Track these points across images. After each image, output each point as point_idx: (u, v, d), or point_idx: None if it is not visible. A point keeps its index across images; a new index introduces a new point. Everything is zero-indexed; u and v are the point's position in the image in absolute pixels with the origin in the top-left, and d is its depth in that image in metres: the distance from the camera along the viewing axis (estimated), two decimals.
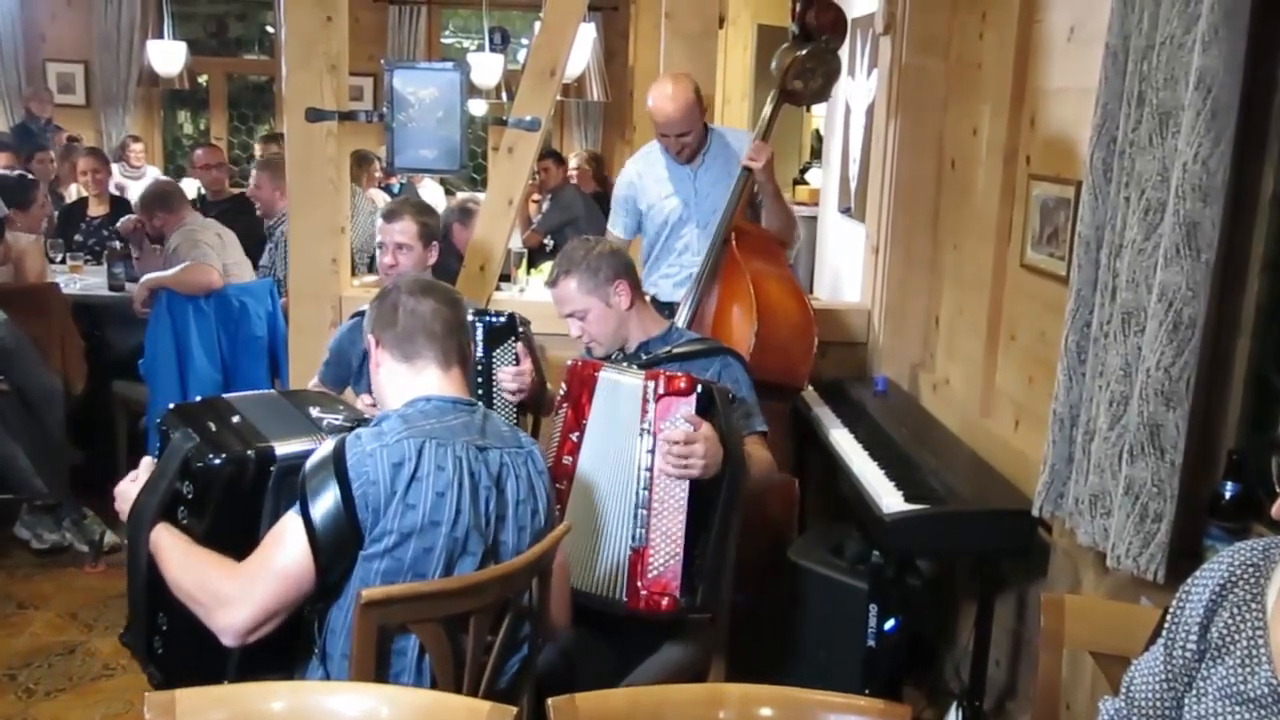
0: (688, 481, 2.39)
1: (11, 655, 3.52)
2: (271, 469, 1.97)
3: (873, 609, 2.88)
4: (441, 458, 1.91)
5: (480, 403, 2.10)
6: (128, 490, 2.06)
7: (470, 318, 3.06)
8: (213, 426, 2.04)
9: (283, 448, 2.00)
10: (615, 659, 2.47)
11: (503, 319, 3.09)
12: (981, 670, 2.92)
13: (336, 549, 1.85)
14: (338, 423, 2.10)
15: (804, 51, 3.59)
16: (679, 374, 2.46)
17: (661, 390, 2.43)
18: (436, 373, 2.04)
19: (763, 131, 3.57)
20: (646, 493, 2.42)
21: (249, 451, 1.98)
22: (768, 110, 3.63)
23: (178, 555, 1.93)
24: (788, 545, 3.23)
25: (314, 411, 2.17)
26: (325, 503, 1.84)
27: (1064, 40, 2.91)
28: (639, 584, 2.41)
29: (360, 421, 2.07)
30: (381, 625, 1.84)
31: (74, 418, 4.52)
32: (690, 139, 3.58)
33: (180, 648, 2.02)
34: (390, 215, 3.30)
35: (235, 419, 2.08)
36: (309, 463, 1.89)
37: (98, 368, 4.77)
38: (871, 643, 2.89)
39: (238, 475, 1.96)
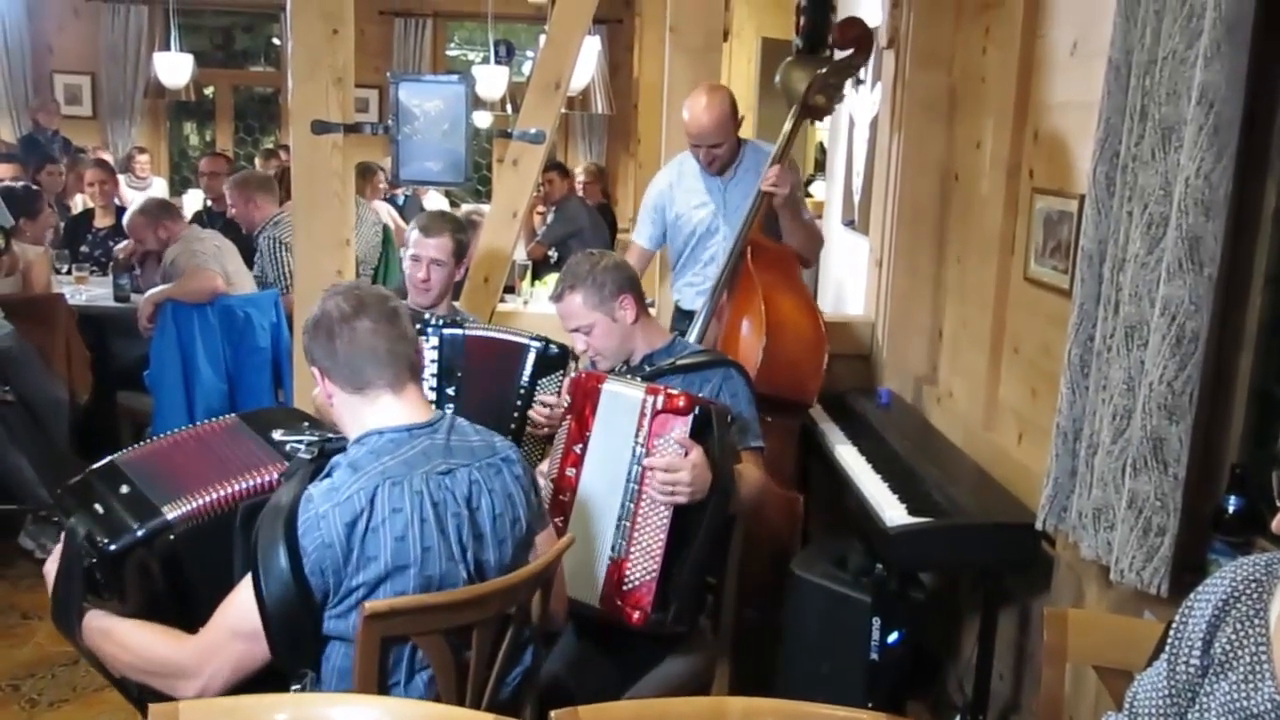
0: None
1: (15, 666, 3.52)
2: (172, 536, 1.90)
3: (876, 622, 2.87)
4: (397, 499, 1.84)
5: (445, 412, 2.03)
6: (50, 575, 1.99)
7: (527, 340, 3.07)
8: (99, 509, 1.94)
9: (177, 510, 1.92)
10: (618, 672, 2.47)
11: (557, 350, 3.06)
12: (985, 684, 2.91)
13: (288, 626, 1.80)
14: (301, 447, 2.00)
15: (825, 69, 3.60)
16: (681, 392, 2.45)
17: (660, 406, 2.43)
18: (390, 398, 1.94)
19: (780, 153, 3.54)
20: (632, 506, 2.43)
21: (139, 532, 1.89)
22: (788, 126, 3.63)
23: (116, 638, 1.89)
24: (791, 558, 3.23)
25: (277, 434, 2.10)
26: (277, 573, 1.79)
27: (1067, 55, 2.92)
28: (613, 593, 2.43)
29: (325, 442, 1.99)
30: (385, 637, 1.83)
31: (79, 428, 4.53)
32: (722, 151, 3.58)
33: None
34: (428, 230, 3.26)
35: (125, 489, 1.98)
36: (261, 517, 1.83)
37: (103, 378, 4.79)
38: (874, 656, 2.88)
39: (143, 554, 1.89)
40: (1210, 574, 1.47)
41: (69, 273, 5.56)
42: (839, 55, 3.75)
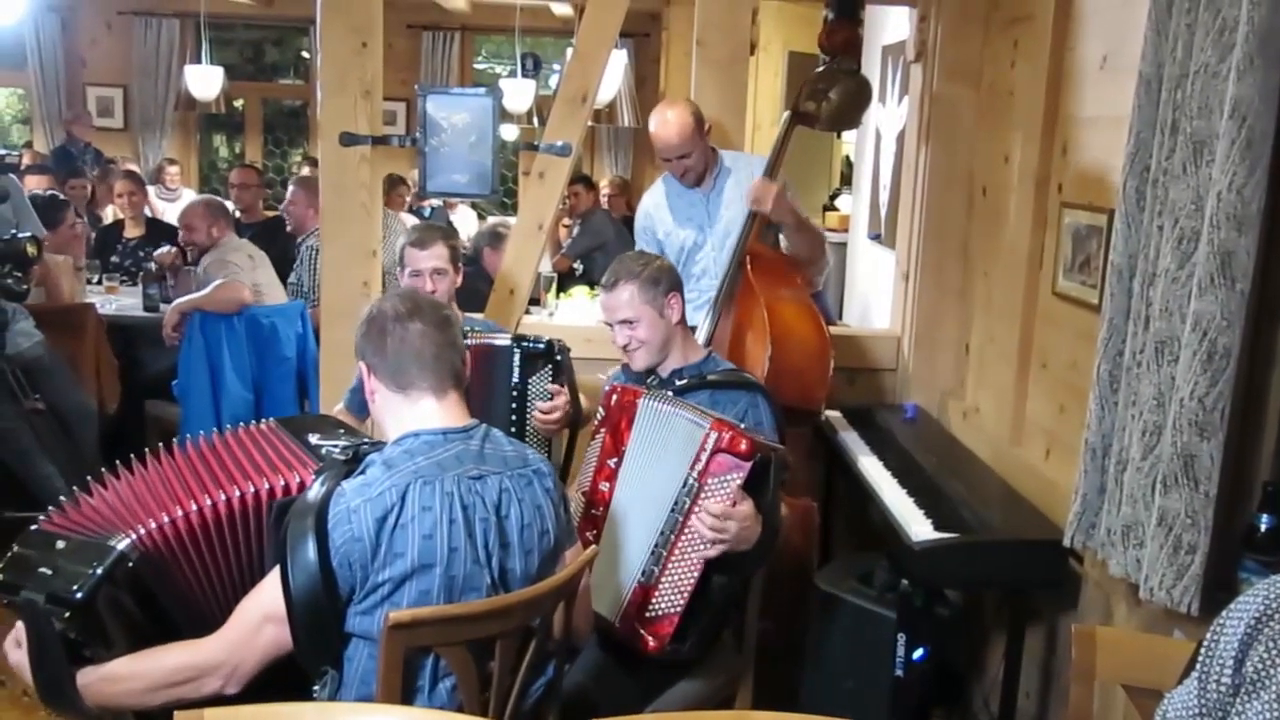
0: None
1: None
2: (130, 564, 1.89)
3: (901, 638, 2.86)
4: (428, 497, 1.86)
5: (482, 423, 2.04)
6: (20, 663, 1.92)
7: (507, 343, 3.07)
8: (46, 571, 1.90)
9: (123, 540, 1.90)
10: (640, 685, 2.46)
11: (540, 345, 3.07)
12: (1011, 702, 2.89)
13: (311, 618, 1.82)
14: (336, 450, 2.03)
15: (816, 72, 3.59)
16: (746, 434, 2.39)
17: (723, 445, 2.37)
18: (431, 401, 1.98)
19: (771, 165, 3.53)
20: (672, 536, 2.40)
21: (98, 570, 1.86)
22: (780, 132, 3.63)
23: (124, 674, 1.86)
24: (809, 571, 3.22)
25: (313, 438, 2.12)
26: (304, 563, 1.81)
27: (1096, 69, 2.91)
28: (634, 616, 2.41)
29: (359, 447, 2.02)
30: (408, 647, 1.84)
31: (107, 437, 4.56)
32: (691, 161, 3.57)
33: None
34: (421, 243, 3.26)
35: (60, 544, 1.94)
36: (292, 512, 1.85)
37: (131, 387, 4.83)
38: (899, 672, 2.86)
39: (109, 592, 1.87)
40: (1241, 593, 1.45)
41: (99, 283, 5.61)
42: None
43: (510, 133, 8.99)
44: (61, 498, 2.09)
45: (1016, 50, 3.51)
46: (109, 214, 6.98)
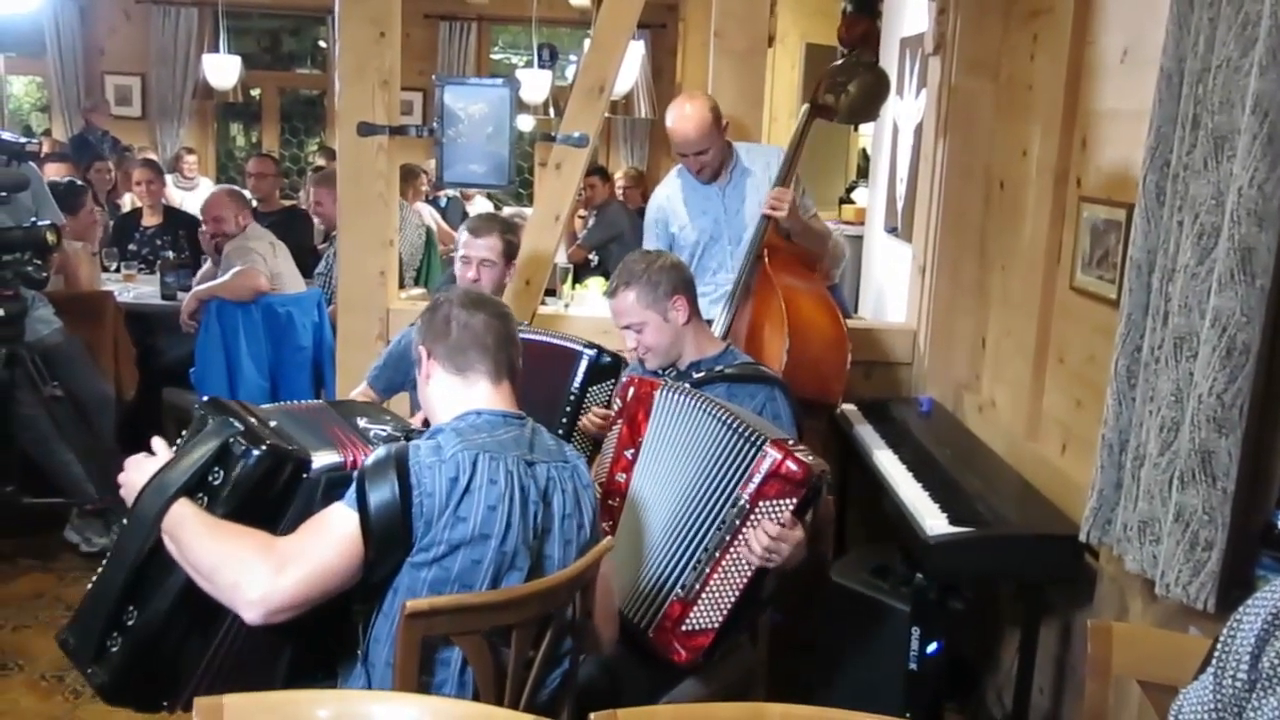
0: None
1: (60, 657, 3.53)
2: (305, 475, 1.95)
3: (915, 631, 2.85)
4: (494, 471, 1.91)
5: (529, 417, 2.10)
6: (144, 463, 2.00)
7: (580, 347, 3.10)
8: (254, 421, 2.01)
9: (319, 458, 1.98)
10: (653, 678, 2.46)
11: (609, 359, 3.09)
12: (1025, 697, 2.89)
13: (387, 541, 1.85)
14: (384, 434, 2.09)
15: (835, 65, 3.58)
16: (801, 457, 2.32)
17: (784, 472, 2.30)
18: (487, 385, 2.05)
19: (787, 164, 3.53)
20: (717, 554, 2.35)
21: (291, 450, 1.95)
22: (798, 124, 3.62)
23: (206, 524, 1.87)
24: (824, 563, 3.22)
25: (361, 422, 2.16)
26: (383, 496, 1.83)
27: (1117, 62, 2.89)
28: (670, 629, 2.39)
29: (408, 433, 2.07)
30: (425, 636, 1.84)
31: (124, 424, 4.59)
32: (708, 157, 3.56)
33: (139, 649, 1.95)
34: (477, 231, 3.29)
35: (272, 423, 2.05)
36: (368, 461, 1.89)
37: (148, 375, 4.85)
38: (913, 665, 2.86)
39: (272, 472, 1.93)
40: (1258, 589, 1.45)
41: (117, 270, 5.64)
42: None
43: (525, 123, 8.99)
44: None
45: (1036, 43, 3.50)
46: (127, 202, 7.01)
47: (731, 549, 2.35)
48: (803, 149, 3.57)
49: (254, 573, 1.79)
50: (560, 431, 3.03)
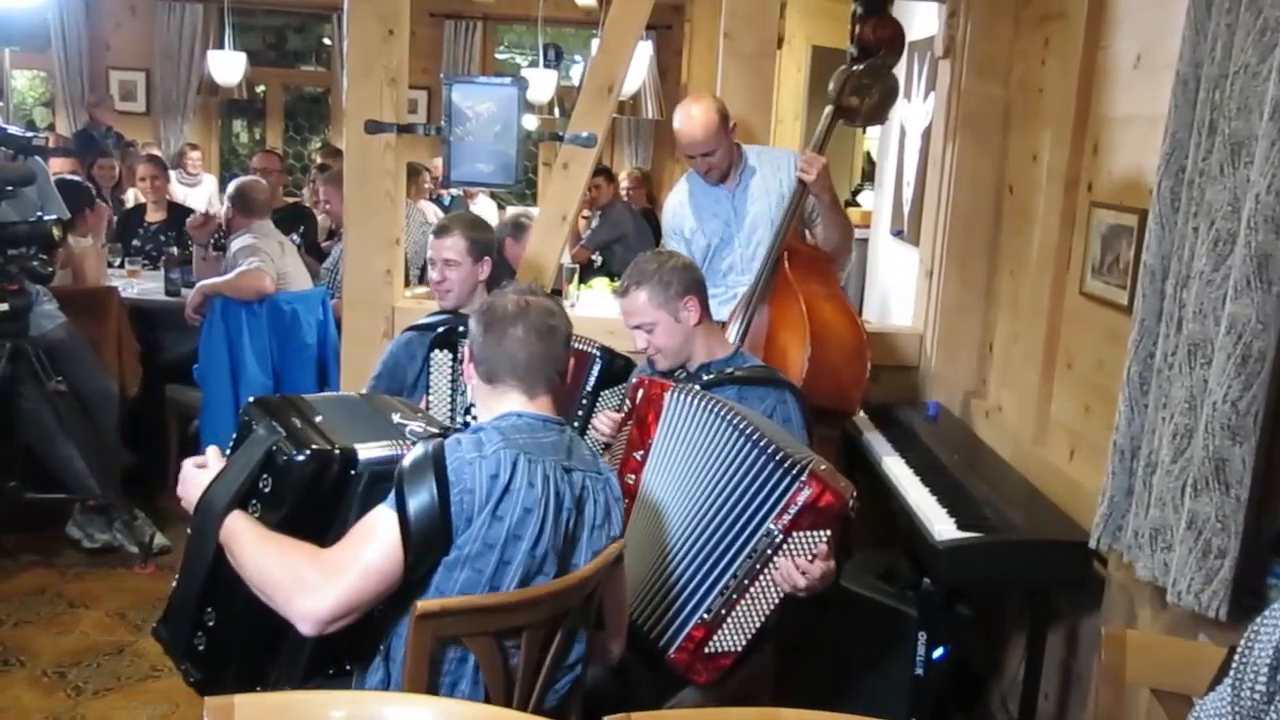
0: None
1: (61, 654, 3.56)
2: (353, 471, 1.95)
3: (921, 636, 2.85)
4: (533, 474, 1.91)
5: (567, 425, 2.08)
6: (197, 476, 2.01)
7: (595, 351, 3.12)
8: (297, 422, 2.01)
9: (366, 451, 1.97)
10: (659, 681, 2.45)
11: (622, 363, 3.11)
12: (1031, 703, 2.87)
13: (426, 545, 1.84)
14: (420, 431, 2.07)
15: (860, 67, 3.57)
16: (839, 492, 2.27)
17: (821, 505, 2.25)
18: (519, 398, 2.03)
19: (817, 145, 3.53)
20: (746, 581, 2.32)
21: (335, 450, 1.94)
22: (822, 126, 3.61)
23: (258, 539, 1.88)
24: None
25: (396, 418, 2.15)
26: (422, 499, 1.83)
27: (1130, 68, 2.88)
28: (693, 651, 2.36)
29: (443, 431, 2.05)
30: (437, 636, 1.83)
31: (127, 420, 4.58)
32: (716, 159, 3.54)
33: (222, 646, 2.01)
34: (440, 232, 3.28)
35: (318, 418, 2.04)
36: (406, 462, 1.87)
37: (151, 371, 4.84)
38: (919, 670, 2.85)
39: (320, 474, 1.93)
40: (1271, 599, 1.44)
41: (121, 266, 5.63)
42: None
43: (530, 123, 8.99)
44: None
45: (1047, 48, 3.49)
46: (130, 198, 7.00)
47: (761, 576, 2.31)
48: (825, 152, 3.56)
49: (303, 588, 1.82)
50: None
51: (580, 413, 3.06)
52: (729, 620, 2.34)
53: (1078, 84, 3.10)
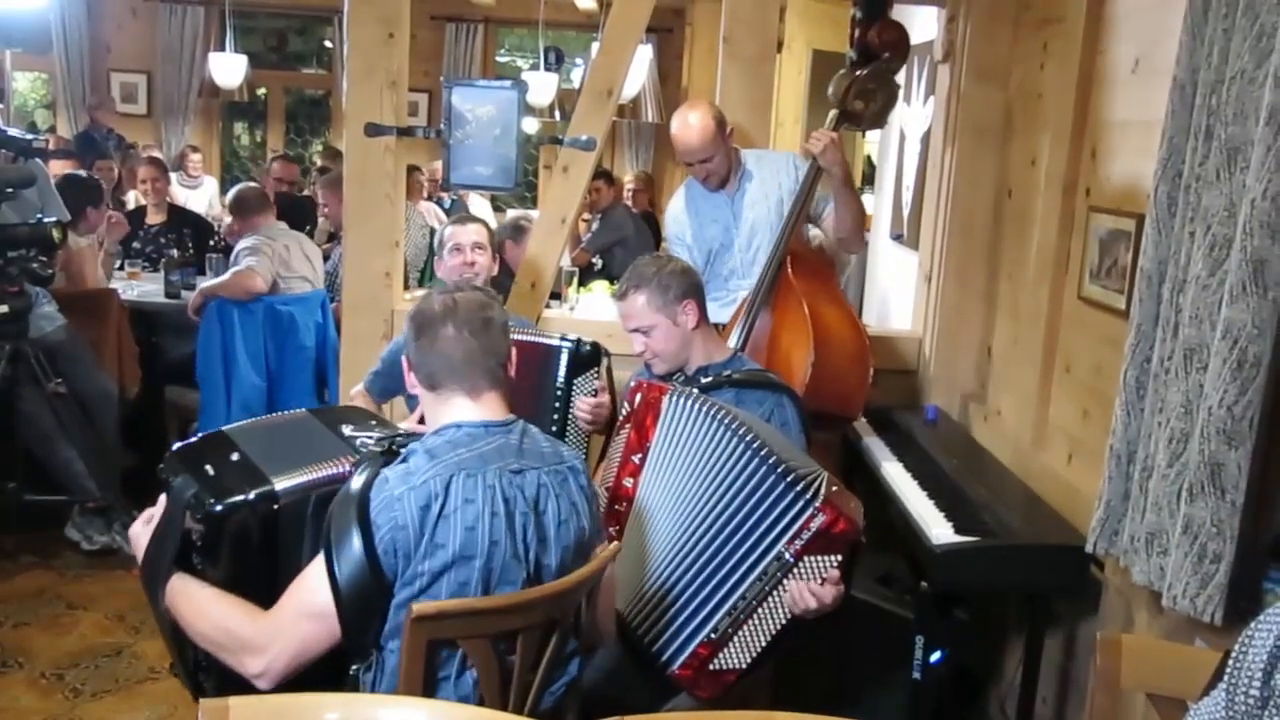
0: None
1: (60, 655, 3.56)
2: (275, 506, 1.92)
3: (919, 640, 2.84)
4: (470, 490, 1.87)
5: (520, 419, 2.04)
6: (140, 535, 2.03)
7: (557, 343, 3.11)
8: (210, 470, 1.98)
9: (285, 482, 1.94)
10: (656, 684, 2.45)
11: (588, 348, 3.11)
12: (1029, 707, 2.87)
13: (360, 603, 1.83)
14: (370, 442, 2.04)
15: (865, 71, 3.56)
16: (853, 518, 2.26)
17: (834, 531, 2.23)
18: (464, 400, 1.99)
19: (832, 126, 3.51)
20: (754, 603, 2.31)
21: (250, 495, 1.91)
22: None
23: (198, 604, 1.91)
24: None
25: (346, 430, 2.12)
26: (349, 552, 1.81)
27: (1128, 72, 2.89)
28: (698, 667, 2.36)
29: (394, 439, 2.02)
30: (432, 639, 1.84)
31: (126, 422, 4.58)
32: (713, 165, 3.54)
33: (229, 679, 1.97)
34: (463, 220, 3.46)
35: (234, 456, 2.01)
36: (335, 503, 1.86)
37: (151, 373, 4.85)
38: (917, 674, 2.85)
39: (243, 519, 1.91)
40: (1267, 604, 1.44)
41: (121, 268, 5.63)
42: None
43: (530, 125, 8.99)
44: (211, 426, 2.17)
45: (1046, 52, 3.49)
46: (131, 200, 7.00)
47: (770, 598, 2.30)
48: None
49: (248, 650, 1.85)
50: (554, 429, 3.04)
51: (557, 404, 3.06)
52: (735, 639, 2.33)
53: (1076, 88, 3.10)
